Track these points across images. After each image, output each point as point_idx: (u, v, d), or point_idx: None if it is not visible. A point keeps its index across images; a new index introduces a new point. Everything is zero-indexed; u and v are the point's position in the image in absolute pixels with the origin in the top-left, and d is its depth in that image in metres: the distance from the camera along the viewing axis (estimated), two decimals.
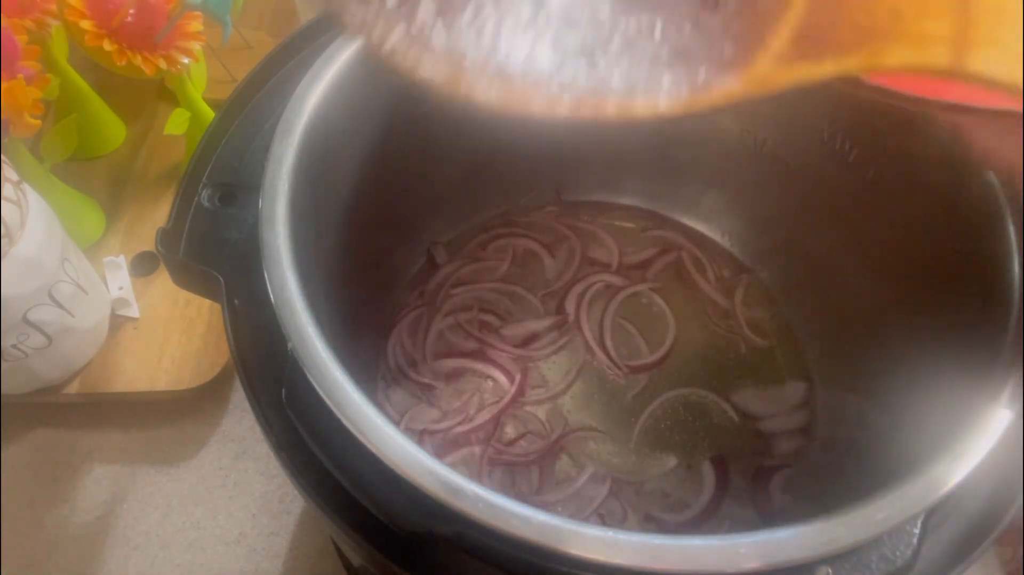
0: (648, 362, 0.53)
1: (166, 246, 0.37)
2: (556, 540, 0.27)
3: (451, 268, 0.57)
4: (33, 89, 0.50)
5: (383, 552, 0.30)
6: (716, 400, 0.52)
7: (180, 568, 0.53)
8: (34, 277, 0.48)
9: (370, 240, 0.49)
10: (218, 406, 0.59)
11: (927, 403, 0.36)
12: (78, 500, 0.56)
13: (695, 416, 0.51)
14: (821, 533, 0.28)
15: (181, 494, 0.56)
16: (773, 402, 0.52)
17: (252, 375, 0.34)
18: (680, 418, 0.51)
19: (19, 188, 0.48)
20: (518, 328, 0.54)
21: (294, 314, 0.31)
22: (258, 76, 0.42)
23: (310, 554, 0.54)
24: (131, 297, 0.60)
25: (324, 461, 0.31)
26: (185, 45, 0.56)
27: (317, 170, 0.37)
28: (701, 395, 0.52)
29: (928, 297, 0.40)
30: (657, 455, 0.50)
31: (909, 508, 0.28)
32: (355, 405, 0.30)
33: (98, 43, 0.53)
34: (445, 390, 0.52)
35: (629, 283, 0.56)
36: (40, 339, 0.51)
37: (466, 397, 0.52)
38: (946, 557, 0.30)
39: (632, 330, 0.55)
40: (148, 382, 0.57)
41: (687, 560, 0.27)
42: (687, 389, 0.52)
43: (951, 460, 0.29)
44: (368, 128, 0.42)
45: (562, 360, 0.53)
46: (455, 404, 0.51)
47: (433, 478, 0.28)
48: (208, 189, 0.38)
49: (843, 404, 0.49)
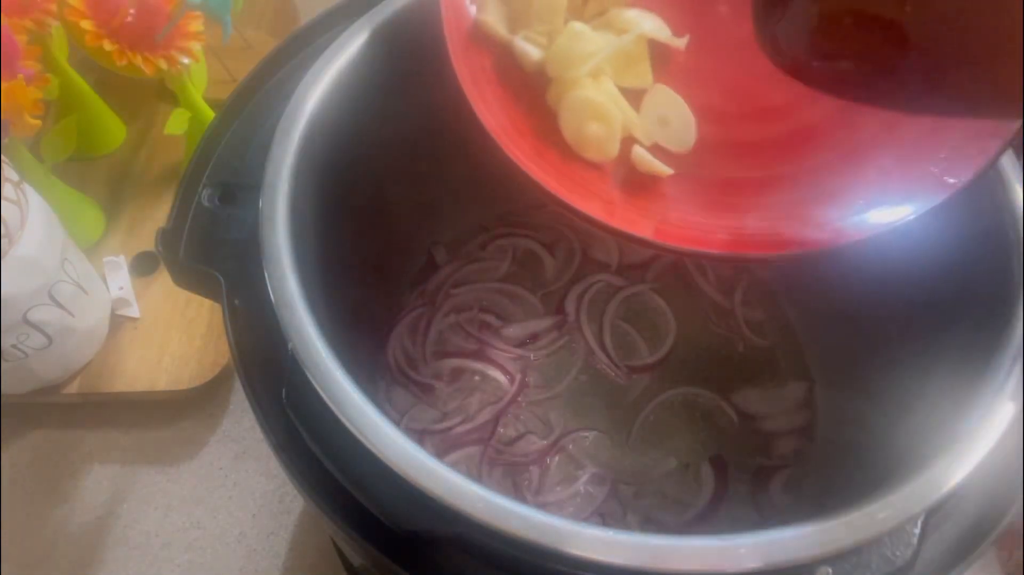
0: (648, 363, 0.53)
1: (166, 246, 0.37)
2: (556, 540, 0.27)
3: (451, 268, 0.57)
4: (33, 89, 0.50)
5: (383, 552, 0.30)
6: (716, 400, 0.52)
7: (180, 568, 0.53)
8: (34, 277, 0.48)
9: (370, 240, 0.49)
10: (218, 406, 0.59)
11: (927, 403, 0.36)
12: (78, 500, 0.56)
13: (694, 416, 0.51)
14: (821, 533, 0.28)
15: (181, 494, 0.56)
16: (773, 402, 0.52)
17: (252, 375, 0.34)
18: (680, 418, 0.51)
19: (19, 188, 0.48)
20: (518, 328, 0.54)
21: (294, 314, 0.31)
22: (258, 76, 0.42)
23: (310, 554, 0.54)
24: (131, 297, 0.60)
25: (324, 461, 0.31)
26: (185, 45, 0.56)
27: (317, 170, 0.37)
28: (701, 395, 0.52)
29: (929, 297, 0.40)
30: (657, 456, 0.50)
31: (909, 508, 0.28)
32: (355, 405, 0.30)
33: (98, 43, 0.53)
34: (445, 390, 0.52)
35: (629, 283, 0.56)
36: (40, 339, 0.51)
37: (466, 397, 0.52)
38: (946, 557, 0.30)
39: (632, 331, 0.55)
40: (148, 382, 0.57)
41: (687, 560, 0.27)
42: (687, 388, 0.52)
43: (951, 460, 0.29)
44: (368, 128, 0.42)
45: (562, 360, 0.53)
46: (454, 404, 0.51)
47: (433, 478, 0.28)
48: (208, 189, 0.38)
49: (843, 404, 0.49)
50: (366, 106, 0.41)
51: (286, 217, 0.34)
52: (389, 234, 0.53)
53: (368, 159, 0.44)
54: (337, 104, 0.39)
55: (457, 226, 0.58)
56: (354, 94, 0.40)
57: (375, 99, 0.42)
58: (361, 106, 0.41)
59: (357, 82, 0.40)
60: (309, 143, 0.37)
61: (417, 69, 0.43)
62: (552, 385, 0.52)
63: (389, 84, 0.42)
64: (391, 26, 0.40)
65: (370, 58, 0.40)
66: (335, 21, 0.42)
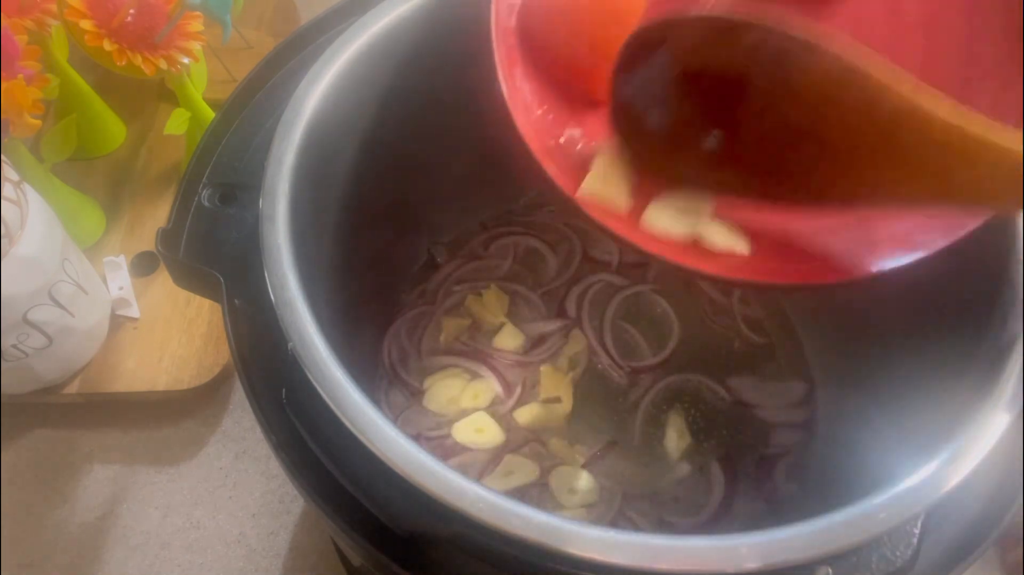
0: (651, 363, 0.53)
1: (166, 246, 0.37)
2: (556, 540, 0.27)
3: (452, 267, 0.57)
4: (33, 89, 0.50)
5: (383, 552, 0.30)
6: (712, 385, 0.52)
7: (180, 568, 0.53)
8: (34, 277, 0.48)
9: (370, 240, 0.49)
10: (218, 406, 0.59)
11: (928, 403, 0.36)
12: (78, 500, 0.56)
13: (696, 408, 0.51)
14: (821, 533, 0.27)
15: (181, 494, 0.56)
16: (773, 394, 0.52)
17: (252, 375, 0.34)
18: (682, 410, 0.51)
19: (19, 188, 0.48)
20: (524, 328, 0.54)
21: (294, 314, 0.31)
22: (258, 76, 0.42)
23: (310, 554, 0.54)
24: (131, 297, 0.60)
25: (324, 461, 0.31)
26: (185, 45, 0.57)
27: (317, 170, 0.37)
28: (700, 382, 0.52)
29: (930, 298, 0.40)
30: (664, 460, 0.50)
31: (909, 508, 0.28)
32: (355, 405, 0.30)
33: (98, 43, 0.53)
34: (441, 393, 0.52)
35: (629, 283, 0.56)
36: (40, 339, 0.51)
37: (459, 399, 0.51)
38: (946, 557, 0.30)
39: (633, 330, 0.55)
40: (148, 382, 0.57)
41: (687, 560, 0.27)
42: (683, 375, 0.53)
43: (951, 460, 0.29)
44: (368, 128, 0.42)
45: (563, 362, 0.53)
46: (450, 410, 0.51)
47: (433, 478, 0.28)
48: (208, 189, 0.38)
49: (844, 403, 0.49)
50: (366, 106, 0.41)
51: (286, 217, 0.34)
52: (389, 233, 0.53)
53: (368, 159, 0.44)
54: (337, 104, 0.39)
55: (457, 225, 0.58)
56: (354, 94, 0.40)
57: (375, 99, 0.42)
58: (361, 106, 0.41)
59: (357, 82, 0.40)
60: (309, 143, 0.37)
61: (417, 69, 0.43)
62: (552, 387, 0.52)
63: (389, 84, 0.42)
64: (391, 26, 0.40)
65: (370, 58, 0.40)
66: (335, 21, 0.42)
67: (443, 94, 0.45)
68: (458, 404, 0.51)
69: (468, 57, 0.41)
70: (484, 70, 0.36)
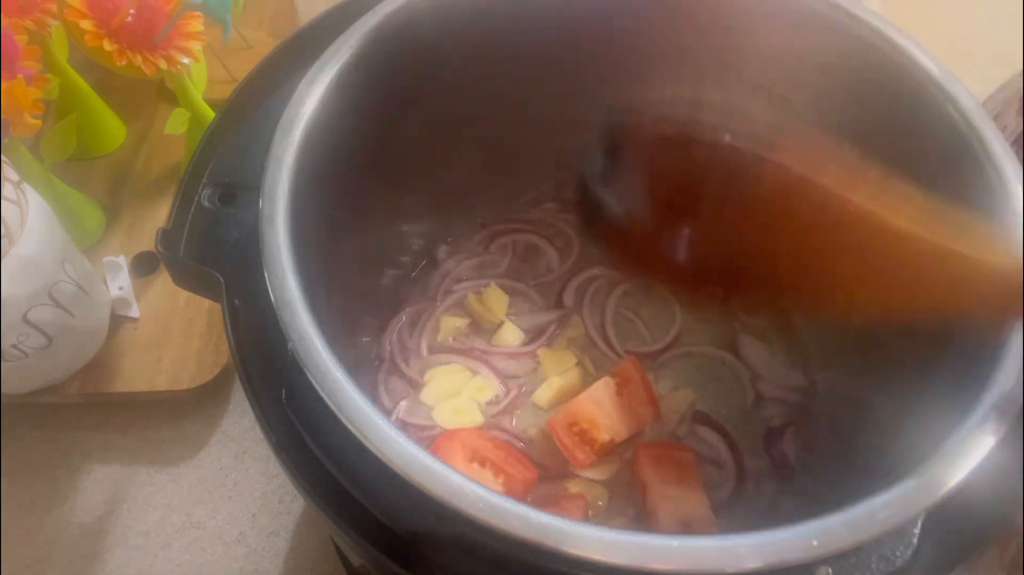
0: (651, 350, 0.54)
1: (166, 246, 0.37)
2: (556, 540, 0.27)
3: (452, 265, 0.57)
4: (33, 89, 0.50)
5: (383, 552, 0.30)
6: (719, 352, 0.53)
7: (180, 568, 0.53)
8: (34, 277, 0.48)
9: (370, 239, 0.49)
10: (218, 406, 0.59)
11: (928, 403, 0.36)
12: (78, 500, 0.56)
13: (697, 372, 0.53)
14: (821, 533, 0.27)
15: (181, 494, 0.56)
16: (774, 370, 0.53)
17: (252, 375, 0.34)
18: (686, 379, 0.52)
19: (19, 188, 0.48)
20: (524, 320, 0.54)
21: (294, 314, 0.31)
22: (258, 76, 0.42)
23: (310, 554, 0.54)
24: (131, 297, 0.60)
25: (324, 461, 0.31)
26: (185, 45, 0.56)
27: (317, 170, 0.37)
28: (704, 351, 0.53)
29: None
30: None
31: (909, 508, 0.28)
32: (355, 405, 0.30)
33: (98, 43, 0.53)
34: (440, 391, 0.52)
35: (628, 275, 0.56)
36: (40, 339, 0.51)
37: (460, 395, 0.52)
38: (946, 557, 0.30)
39: (635, 319, 0.55)
40: (148, 382, 0.57)
41: (687, 560, 0.27)
42: (686, 348, 0.54)
43: (951, 460, 0.29)
44: (368, 128, 0.42)
45: (563, 355, 0.53)
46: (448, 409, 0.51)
47: (433, 478, 0.28)
48: (208, 189, 0.38)
49: (843, 402, 0.49)
50: (366, 106, 0.41)
51: (286, 217, 0.34)
52: (389, 233, 0.53)
53: (368, 159, 0.44)
54: (337, 104, 0.39)
55: (457, 225, 0.58)
56: (354, 94, 0.40)
57: (375, 99, 0.42)
58: (361, 106, 0.41)
59: (357, 82, 0.40)
60: (309, 143, 0.37)
61: (417, 69, 0.43)
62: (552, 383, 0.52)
63: (389, 84, 0.42)
64: (391, 26, 0.40)
65: (370, 58, 0.40)
66: (335, 21, 0.42)
67: (443, 94, 0.46)
68: (458, 399, 0.51)
69: (468, 57, 0.42)
70: (483, 70, 0.36)
